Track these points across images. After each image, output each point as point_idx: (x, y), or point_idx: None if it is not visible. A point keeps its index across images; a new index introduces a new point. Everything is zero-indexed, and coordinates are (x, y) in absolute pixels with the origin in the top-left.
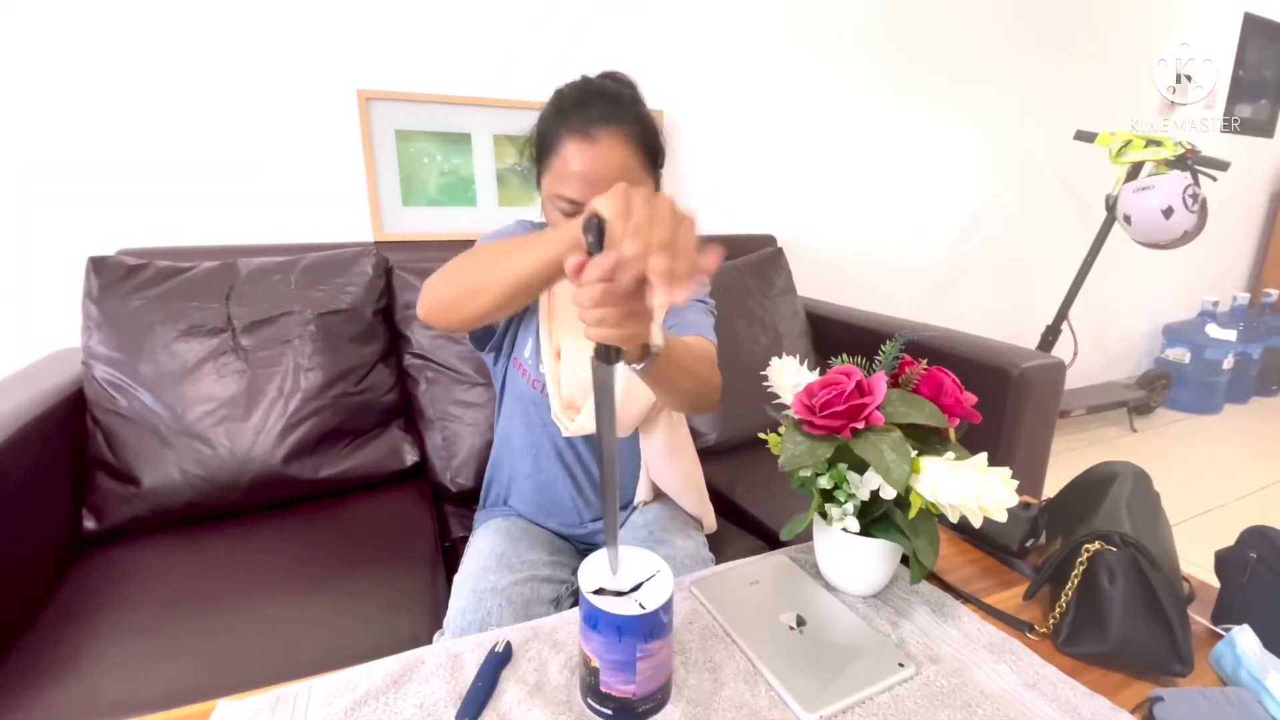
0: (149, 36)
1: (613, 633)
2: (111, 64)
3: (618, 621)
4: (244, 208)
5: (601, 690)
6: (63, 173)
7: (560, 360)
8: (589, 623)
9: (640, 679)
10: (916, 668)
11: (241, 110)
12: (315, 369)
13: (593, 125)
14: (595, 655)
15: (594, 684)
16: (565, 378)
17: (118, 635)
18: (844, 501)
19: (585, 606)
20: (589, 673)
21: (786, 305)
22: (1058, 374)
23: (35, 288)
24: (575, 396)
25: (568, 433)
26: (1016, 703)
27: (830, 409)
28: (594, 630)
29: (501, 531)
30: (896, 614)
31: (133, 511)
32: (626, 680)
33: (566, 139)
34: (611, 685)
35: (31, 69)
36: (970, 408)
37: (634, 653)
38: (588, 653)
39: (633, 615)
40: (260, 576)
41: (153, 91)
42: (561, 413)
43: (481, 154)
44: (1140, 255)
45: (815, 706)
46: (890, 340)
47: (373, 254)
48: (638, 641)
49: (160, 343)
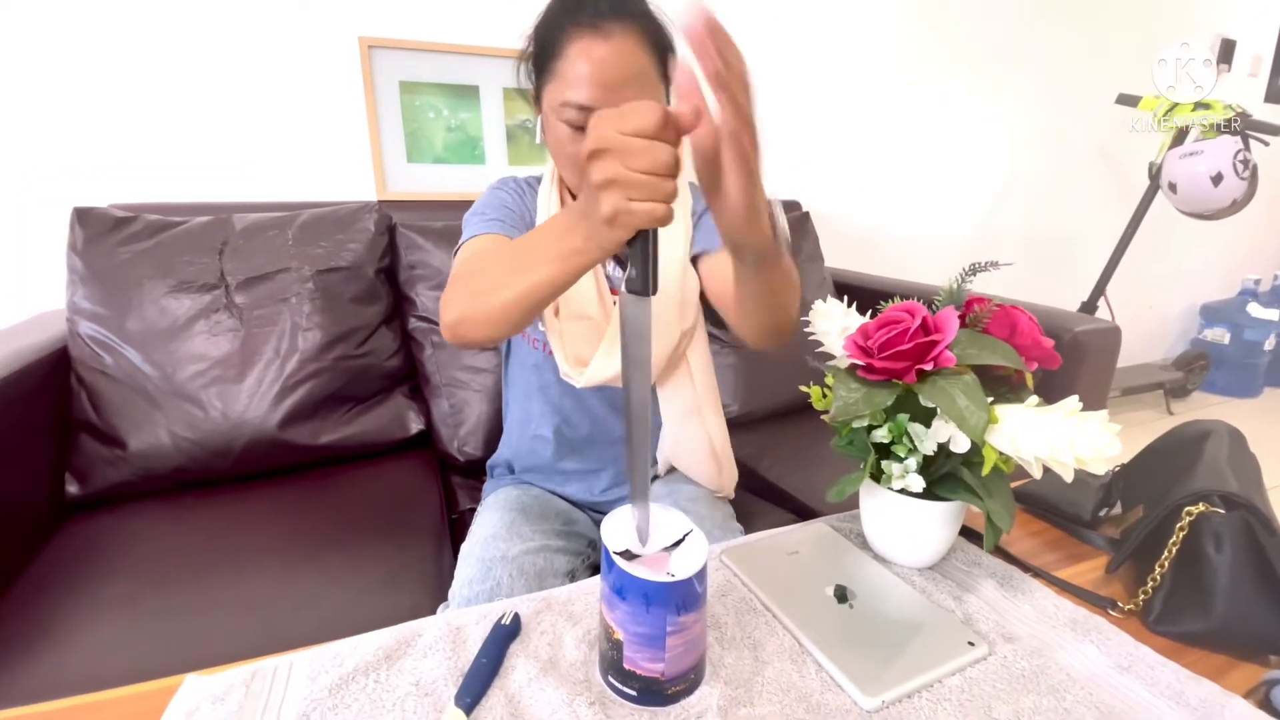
0: None
1: (639, 602)
2: (99, 9)
3: (645, 589)
4: (239, 164)
5: (625, 667)
6: (48, 126)
7: (560, 316)
8: (614, 589)
9: (670, 656)
10: (989, 647)
11: (236, 59)
12: (314, 329)
13: (603, 18)
14: (619, 627)
15: (617, 660)
16: (568, 331)
17: (95, 606)
18: (904, 457)
19: (609, 570)
20: (611, 647)
21: (814, 272)
22: (1113, 340)
23: (20, 247)
24: (581, 350)
25: (580, 383)
26: (1109, 687)
27: (892, 349)
28: (619, 598)
29: (512, 499)
30: (958, 588)
31: (119, 476)
32: (654, 657)
33: (573, 36)
34: (637, 662)
35: (15, 13)
36: (1051, 349)
37: (663, 626)
38: (611, 624)
39: (663, 583)
40: (253, 547)
41: (143, 40)
42: (570, 368)
43: (490, 108)
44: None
45: (875, 690)
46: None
47: (375, 210)
48: (668, 613)
49: (149, 298)
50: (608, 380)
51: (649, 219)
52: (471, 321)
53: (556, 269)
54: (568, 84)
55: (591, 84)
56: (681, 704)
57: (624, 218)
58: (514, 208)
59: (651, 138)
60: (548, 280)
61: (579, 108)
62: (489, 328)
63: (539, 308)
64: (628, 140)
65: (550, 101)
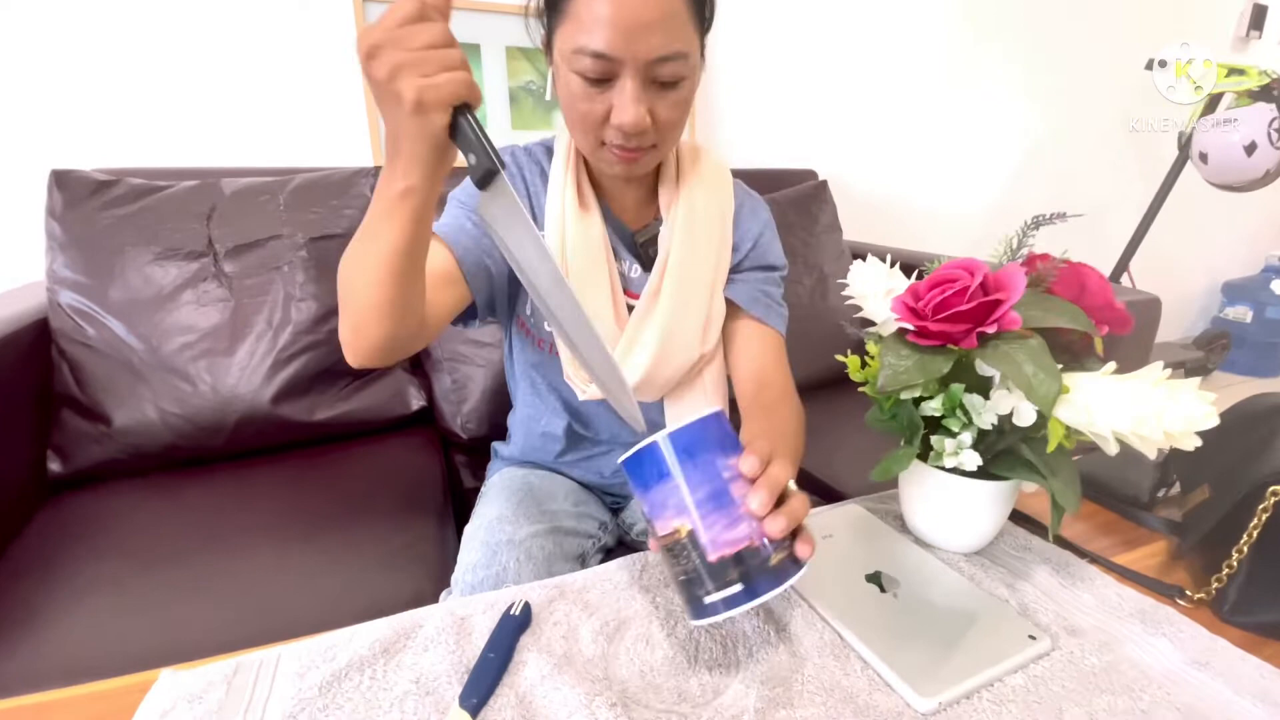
0: None
1: (686, 462)
2: None
3: (682, 442)
4: (227, 126)
5: (713, 561)
6: (23, 84)
7: None
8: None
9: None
10: (1052, 641)
11: (223, 13)
12: (308, 299)
13: None
14: (686, 512)
15: (700, 564)
16: None
17: (78, 591)
18: (958, 432)
19: (640, 467)
20: (687, 556)
21: (832, 244)
22: (1153, 312)
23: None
24: None
25: (584, 396)
26: (1189, 686)
27: (949, 310)
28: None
29: (519, 479)
30: (1010, 575)
31: (104, 453)
32: (732, 519)
33: None
34: (720, 540)
35: None
36: (1124, 311)
37: (720, 474)
38: (670, 526)
39: (695, 421)
40: (246, 528)
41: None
42: (575, 373)
43: (492, 69)
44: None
45: (931, 690)
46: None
47: (371, 174)
48: (716, 457)
49: (132, 266)
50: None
51: (452, 88)
52: (361, 331)
53: (398, 222)
54: (583, 27)
55: (612, 27)
56: (714, 705)
57: (428, 94)
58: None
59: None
60: (395, 241)
61: (595, 55)
62: (378, 329)
63: (410, 281)
64: (397, 31)
65: (562, 48)
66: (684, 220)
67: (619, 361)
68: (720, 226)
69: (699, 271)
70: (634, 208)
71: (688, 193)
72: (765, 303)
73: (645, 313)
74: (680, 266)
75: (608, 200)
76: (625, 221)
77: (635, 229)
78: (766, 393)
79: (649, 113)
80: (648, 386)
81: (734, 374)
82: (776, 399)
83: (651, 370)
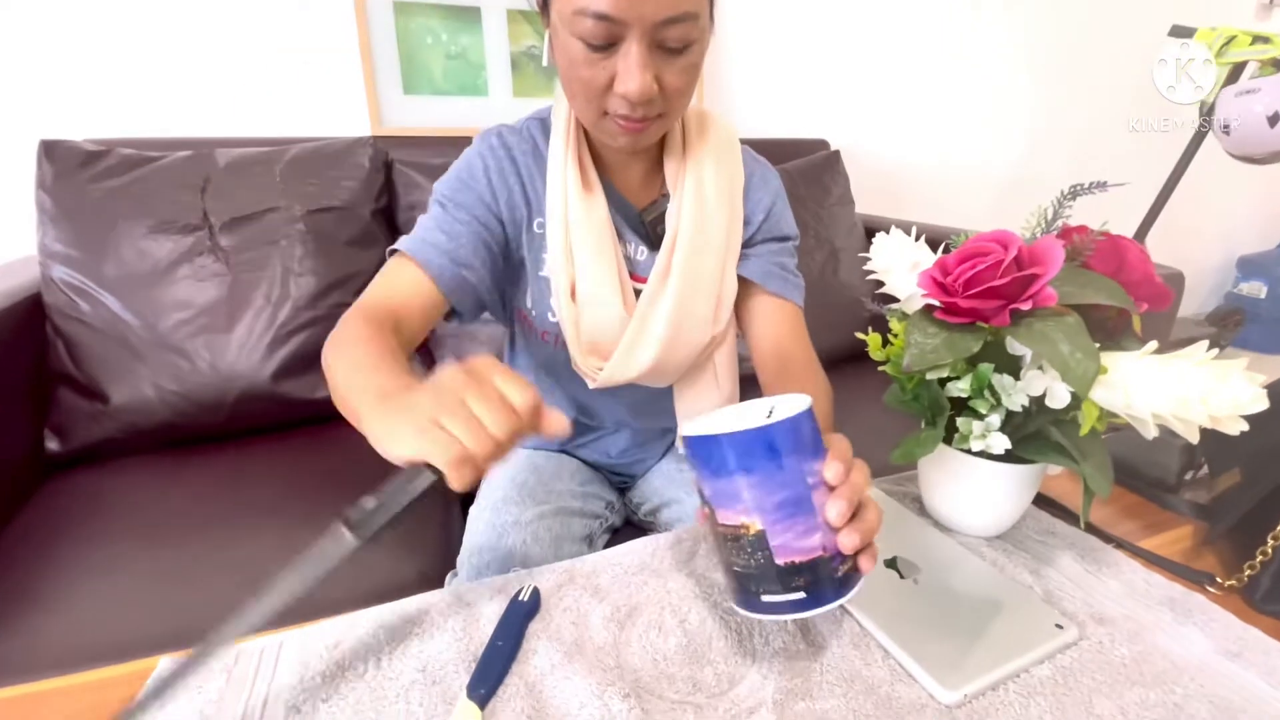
0: None
1: (766, 460)
2: None
3: (770, 438)
4: (219, 95)
5: (780, 564)
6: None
7: (576, 300)
8: (727, 473)
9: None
10: (1079, 630)
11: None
12: (306, 274)
13: None
14: (751, 514)
15: (766, 563)
16: (585, 319)
17: (77, 572)
18: (986, 414)
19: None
20: (750, 551)
21: (844, 217)
22: (1176, 286)
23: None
24: (600, 338)
25: (596, 383)
26: (1221, 677)
27: (980, 285)
28: (740, 475)
29: (524, 459)
30: (1034, 560)
31: (102, 432)
32: (808, 528)
33: None
34: (791, 545)
35: None
36: (1164, 287)
37: (804, 479)
38: (737, 521)
39: (791, 418)
40: (247, 508)
41: None
42: (584, 360)
43: (493, 34)
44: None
45: (956, 682)
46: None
47: (369, 145)
48: (802, 461)
49: (126, 240)
50: (629, 380)
51: (445, 457)
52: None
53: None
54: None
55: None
56: (730, 696)
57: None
58: (486, 194)
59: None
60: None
61: (597, 17)
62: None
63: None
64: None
65: (561, 10)
66: (692, 195)
67: (631, 347)
68: (730, 200)
69: (709, 249)
70: (639, 183)
71: (695, 165)
72: (781, 276)
73: (654, 296)
74: (690, 244)
75: (610, 176)
76: (630, 199)
77: (641, 206)
78: (791, 366)
79: (655, 79)
80: (658, 373)
81: (754, 351)
82: (801, 373)
83: (663, 356)
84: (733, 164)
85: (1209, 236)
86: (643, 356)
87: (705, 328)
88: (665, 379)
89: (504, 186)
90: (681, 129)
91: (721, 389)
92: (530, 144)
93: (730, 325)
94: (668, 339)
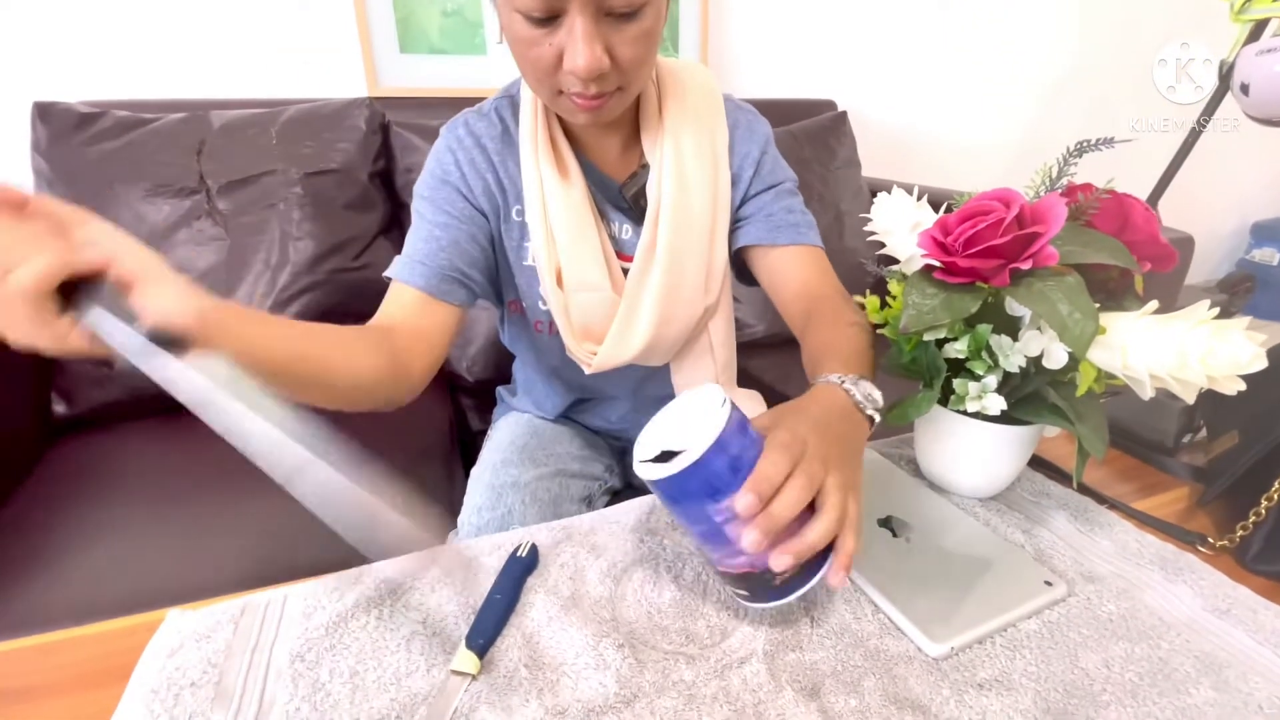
0: None
1: (674, 504)
2: None
3: (665, 490)
4: (212, 56)
5: (719, 570)
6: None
7: (564, 285)
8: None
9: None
10: (1069, 587)
11: None
12: (305, 238)
13: None
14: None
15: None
16: (574, 304)
17: (86, 532)
18: (983, 375)
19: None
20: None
21: (850, 180)
22: (1186, 250)
23: None
24: (592, 323)
25: (591, 368)
26: (1208, 633)
27: (981, 244)
28: (671, 505)
29: (524, 423)
30: (1027, 520)
31: (106, 396)
32: (730, 553)
33: None
34: (723, 560)
35: None
36: (1169, 247)
37: (710, 518)
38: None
39: (667, 477)
40: (249, 469)
41: None
42: (578, 346)
43: None
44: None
45: (942, 635)
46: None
47: (366, 105)
48: (705, 505)
49: (123, 203)
50: (625, 363)
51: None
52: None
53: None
54: None
55: None
56: (722, 647)
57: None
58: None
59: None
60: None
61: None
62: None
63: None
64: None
65: None
66: (672, 163)
67: (624, 328)
68: (714, 163)
69: (694, 220)
70: (617, 156)
71: (673, 129)
72: (789, 222)
73: (642, 273)
74: (673, 215)
75: (586, 153)
76: (609, 174)
77: (621, 180)
78: (821, 305)
79: (606, 51)
80: (653, 352)
81: (780, 304)
82: (833, 311)
83: (656, 335)
84: (713, 120)
85: (1224, 202)
86: (636, 337)
87: (697, 300)
88: (661, 357)
89: (477, 178)
90: (657, 91)
91: (717, 358)
92: (499, 128)
93: (724, 292)
94: (659, 317)
